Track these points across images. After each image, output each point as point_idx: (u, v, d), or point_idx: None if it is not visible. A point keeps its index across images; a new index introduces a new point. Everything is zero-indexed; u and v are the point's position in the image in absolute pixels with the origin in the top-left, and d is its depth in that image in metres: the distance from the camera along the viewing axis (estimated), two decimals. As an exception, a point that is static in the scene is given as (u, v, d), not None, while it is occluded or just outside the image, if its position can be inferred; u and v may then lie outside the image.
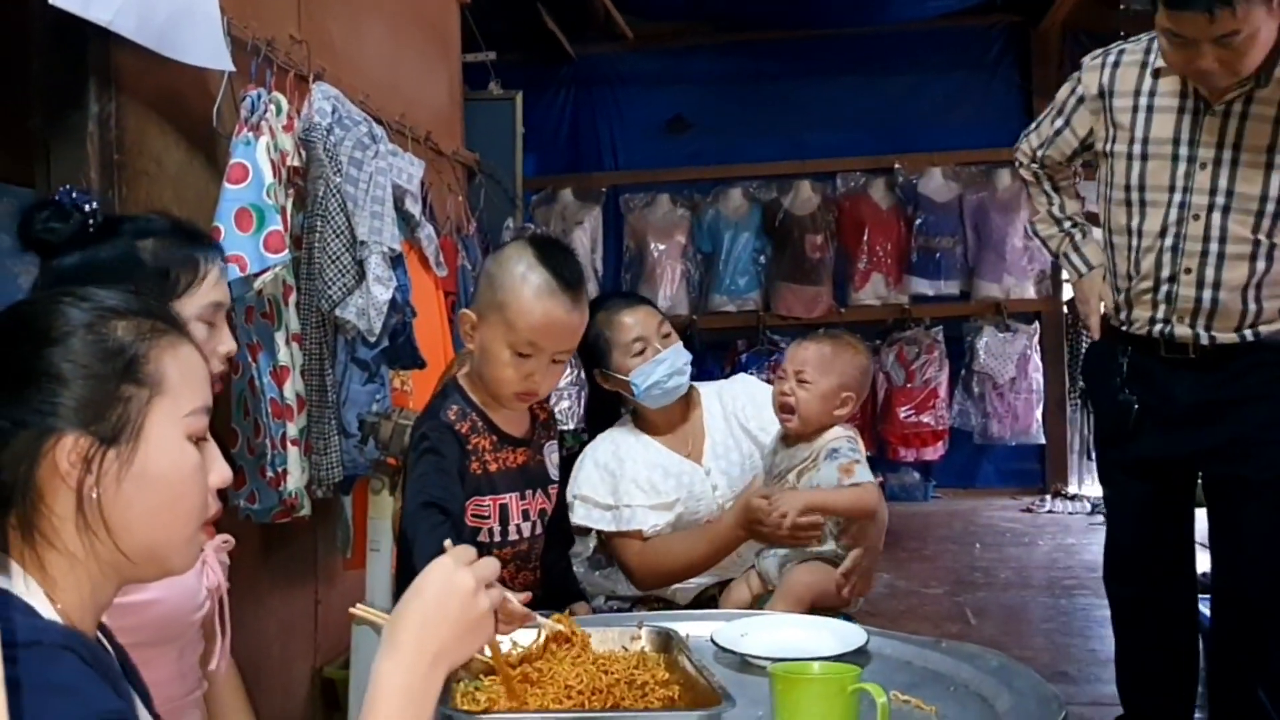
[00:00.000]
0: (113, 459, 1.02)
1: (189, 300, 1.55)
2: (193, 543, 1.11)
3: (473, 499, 1.92)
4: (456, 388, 1.99)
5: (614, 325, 2.34)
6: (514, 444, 1.98)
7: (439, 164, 3.96)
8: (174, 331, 1.11)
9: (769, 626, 1.80)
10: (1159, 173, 2.34)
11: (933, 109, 6.61)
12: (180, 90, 2.44)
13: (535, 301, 1.85)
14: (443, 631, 1.11)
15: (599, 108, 7.16)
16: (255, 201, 2.20)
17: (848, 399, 2.22)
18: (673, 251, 6.83)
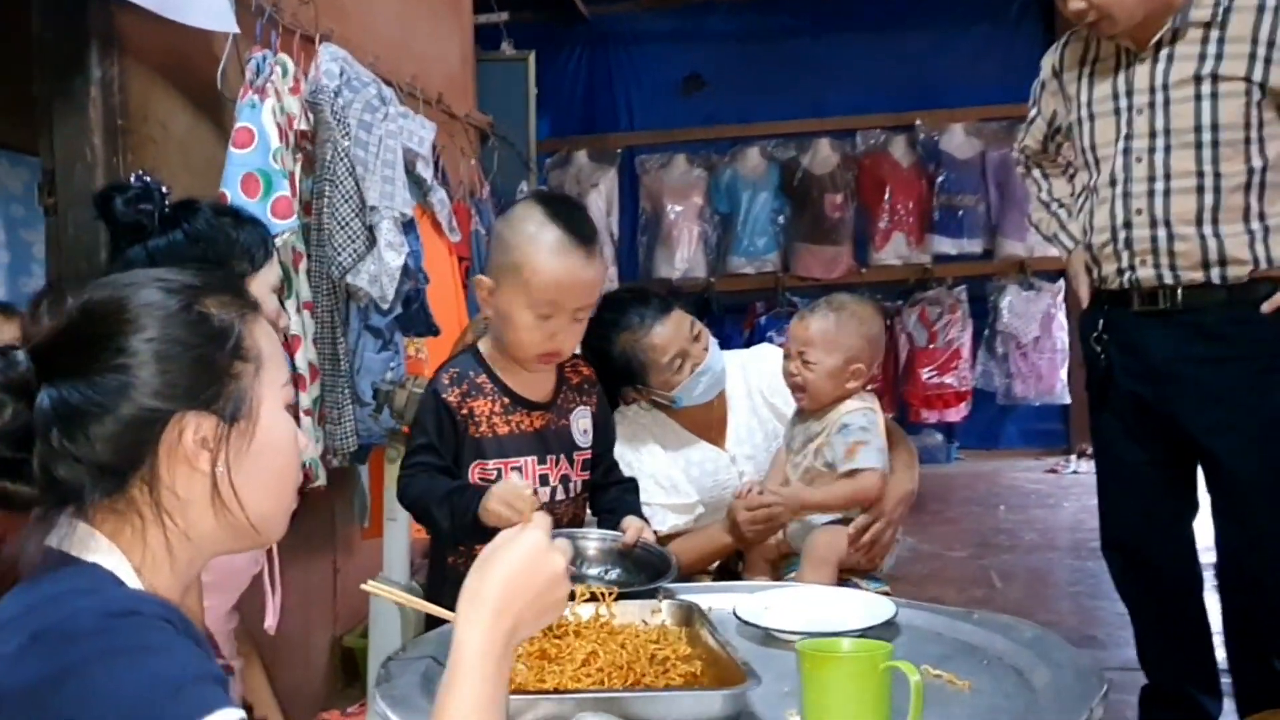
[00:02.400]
0: (236, 436, 1.05)
1: (267, 272, 1.69)
2: (290, 509, 1.15)
3: (477, 463, 1.88)
4: (471, 349, 1.95)
5: (645, 348, 2.20)
6: (529, 407, 1.93)
7: (451, 127, 3.89)
8: (254, 306, 1.13)
9: (794, 598, 1.74)
10: (1105, 129, 2.40)
11: (954, 64, 6.48)
12: (185, 53, 2.39)
13: (550, 260, 1.79)
14: (523, 604, 1.08)
15: (613, 68, 7.06)
16: (262, 166, 2.14)
17: (857, 370, 2.15)
18: (689, 213, 6.74)
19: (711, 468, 2.33)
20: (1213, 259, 2.32)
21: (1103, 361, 2.52)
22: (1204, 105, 2.29)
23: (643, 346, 2.20)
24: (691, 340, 2.23)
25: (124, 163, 2.20)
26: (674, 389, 2.21)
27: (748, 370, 2.42)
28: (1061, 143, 2.67)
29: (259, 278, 1.66)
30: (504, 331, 1.87)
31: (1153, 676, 2.62)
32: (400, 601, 1.41)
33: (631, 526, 1.87)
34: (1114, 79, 2.39)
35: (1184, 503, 2.54)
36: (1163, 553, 2.54)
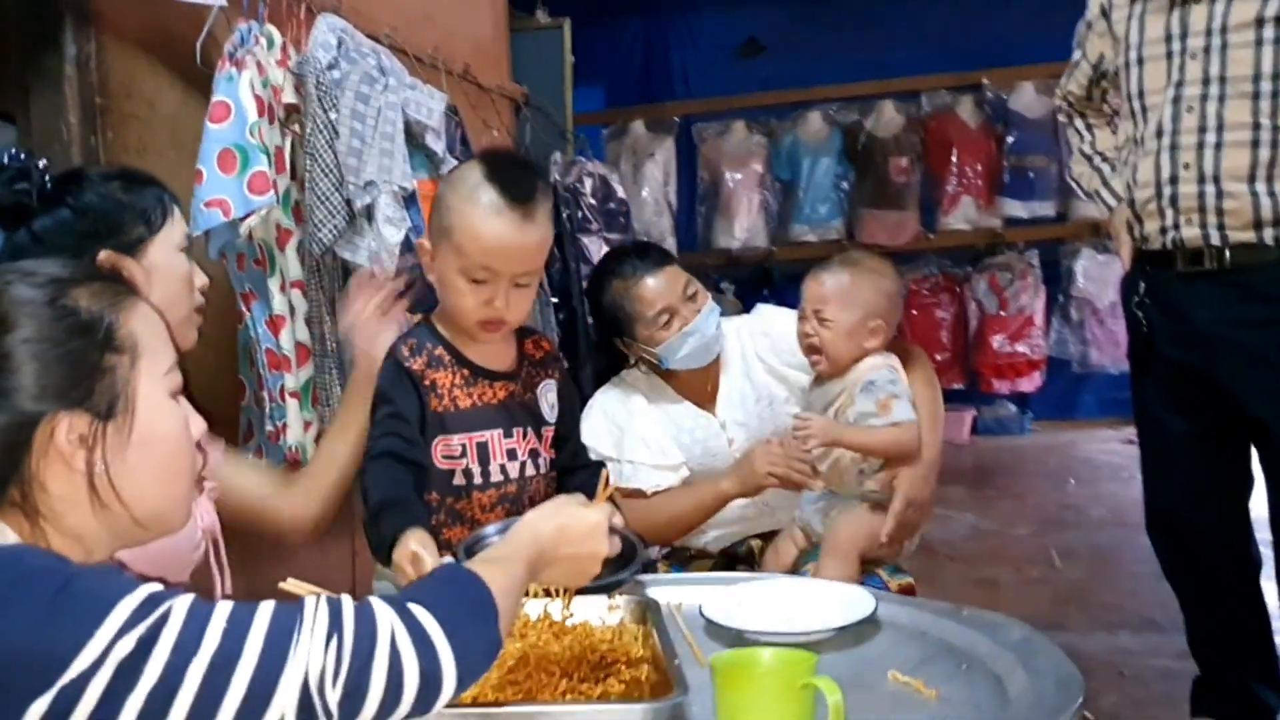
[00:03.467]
0: (113, 432, 1.01)
1: (169, 231, 1.58)
2: (189, 498, 1.12)
3: (439, 438, 1.78)
4: (425, 322, 1.86)
5: (633, 298, 2.15)
6: (492, 378, 1.83)
7: (477, 98, 3.80)
8: (130, 292, 1.08)
9: (767, 593, 1.63)
10: (1154, 74, 2.24)
11: (1022, 19, 6.15)
12: (172, 28, 2.32)
13: (482, 222, 1.68)
14: (563, 557, 1.23)
15: (670, 35, 6.90)
16: (239, 141, 2.07)
17: (877, 328, 2.04)
18: (749, 181, 6.57)
19: (701, 435, 2.24)
20: (1265, 218, 2.13)
21: (1144, 327, 2.36)
22: (1265, 51, 2.10)
23: (631, 296, 2.15)
24: (684, 299, 2.16)
25: (103, 141, 2.15)
26: (658, 345, 2.14)
27: (741, 333, 2.33)
28: (1107, 89, 2.51)
29: (159, 239, 1.57)
30: (444, 298, 1.78)
31: (1205, 666, 2.45)
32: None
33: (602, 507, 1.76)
34: (1167, 19, 2.21)
35: (1236, 478, 2.35)
36: (1213, 532, 2.36)
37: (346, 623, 0.94)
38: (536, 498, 1.89)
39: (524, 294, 1.76)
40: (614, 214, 4.35)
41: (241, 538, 2.47)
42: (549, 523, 1.23)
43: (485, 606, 1.02)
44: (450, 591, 1.03)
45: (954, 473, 5.54)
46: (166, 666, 0.87)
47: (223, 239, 2.11)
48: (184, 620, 0.89)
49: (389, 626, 0.95)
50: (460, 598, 1.02)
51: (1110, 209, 2.49)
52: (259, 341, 2.19)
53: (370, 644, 0.94)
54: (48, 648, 0.85)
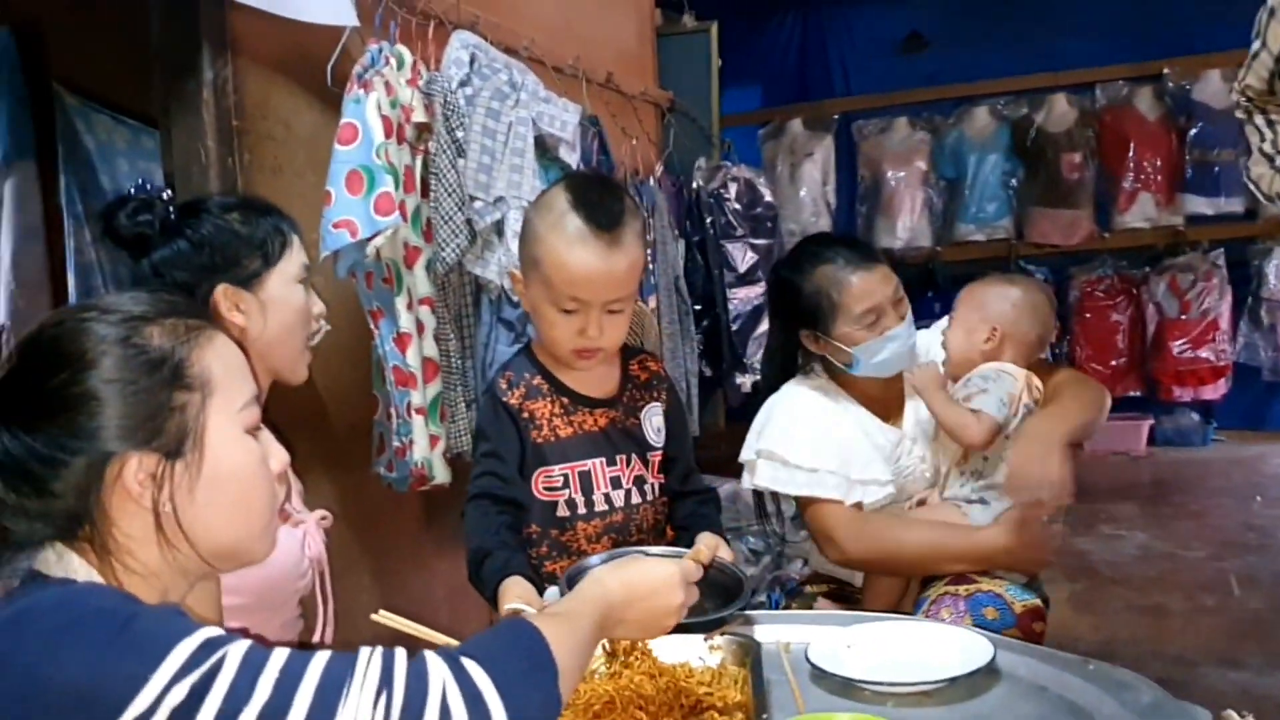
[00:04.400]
0: (181, 470, 1.02)
1: (287, 263, 1.63)
2: (269, 531, 1.12)
3: (540, 470, 1.76)
4: (526, 350, 1.85)
5: (844, 289, 1.99)
6: (592, 405, 1.80)
7: (620, 105, 3.79)
8: (207, 326, 1.09)
9: (882, 637, 1.54)
10: None
11: (1206, 4, 5.76)
12: (308, 49, 2.38)
13: (568, 252, 1.65)
14: (635, 614, 1.21)
15: (827, 31, 6.76)
16: (365, 163, 2.10)
17: (994, 333, 2.04)
18: (912, 179, 6.36)
19: (894, 452, 2.09)
20: None
21: None
22: None
23: (839, 286, 2.00)
24: (893, 302, 2.02)
25: (240, 163, 2.22)
26: (856, 345, 1.99)
27: (931, 348, 2.19)
28: None
29: (275, 272, 1.61)
30: (538, 327, 1.76)
31: None
32: (410, 631, 1.33)
33: (706, 544, 1.71)
34: None
35: None
36: None
37: (398, 678, 0.93)
38: (645, 525, 1.85)
39: (617, 320, 1.72)
40: (761, 219, 4.27)
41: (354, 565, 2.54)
42: (614, 578, 1.21)
43: (544, 664, 0.99)
44: (509, 647, 1.00)
45: (1127, 487, 5.23)
46: (218, 715, 0.87)
47: (351, 258, 2.15)
48: (238, 669, 0.90)
49: (440, 683, 0.94)
50: (519, 654, 1.00)
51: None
52: (386, 358, 2.23)
53: (421, 701, 0.92)
54: (103, 691, 0.87)
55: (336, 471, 2.49)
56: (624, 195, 1.74)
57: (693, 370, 3.89)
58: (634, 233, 1.70)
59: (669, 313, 3.69)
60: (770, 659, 1.51)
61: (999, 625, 1.79)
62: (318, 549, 1.67)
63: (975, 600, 1.83)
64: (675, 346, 3.72)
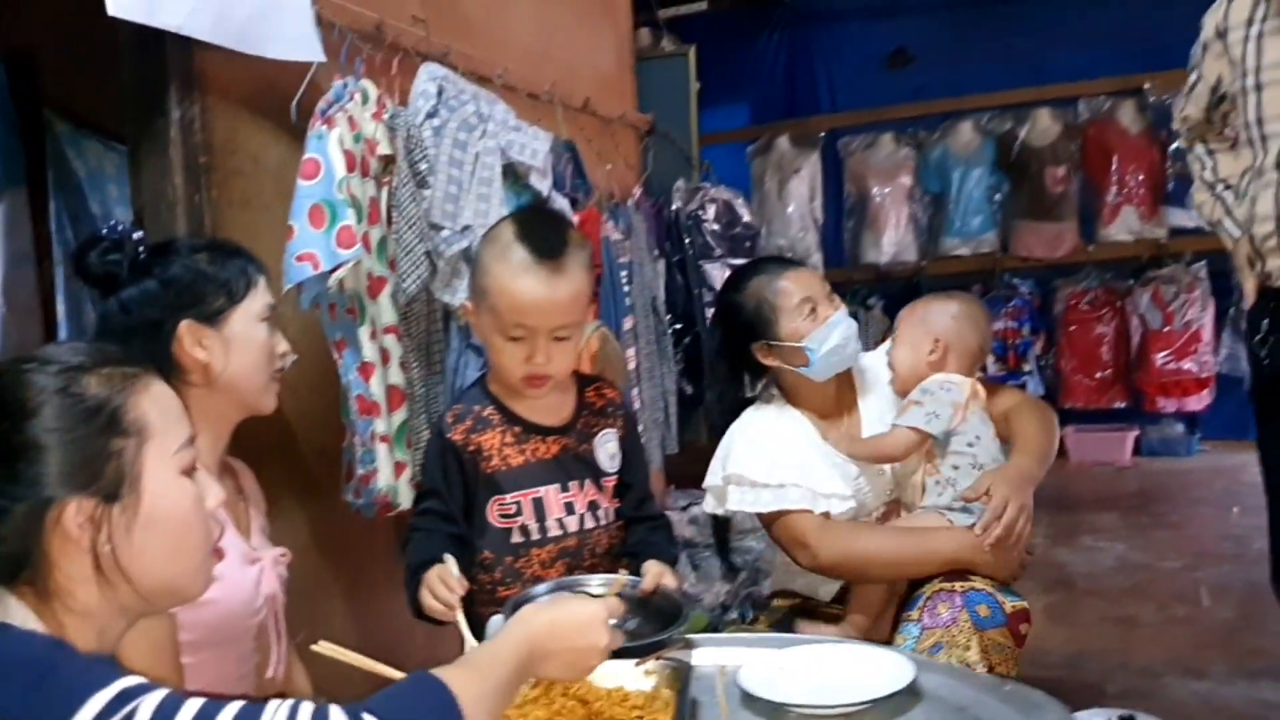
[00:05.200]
0: (119, 513, 1.07)
1: (251, 301, 1.69)
2: (205, 569, 1.17)
3: (494, 499, 1.83)
4: (480, 381, 1.93)
5: (777, 290, 2.12)
6: (545, 433, 1.86)
7: (598, 130, 3.85)
8: (142, 374, 1.13)
9: (812, 660, 1.60)
10: (1274, 100, 2.11)
11: (1187, 18, 5.75)
12: (276, 84, 2.44)
13: (513, 281, 1.74)
14: (556, 650, 1.24)
15: (814, 49, 6.83)
16: (327, 197, 2.17)
17: (937, 345, 2.14)
18: (897, 194, 6.43)
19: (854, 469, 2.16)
20: None
21: (1268, 366, 2.21)
22: None
23: (772, 289, 2.13)
24: (825, 296, 2.14)
25: (207, 199, 2.28)
26: (804, 337, 2.07)
27: (877, 368, 2.28)
28: (1228, 112, 2.37)
29: (239, 310, 1.67)
30: (489, 357, 1.84)
31: None
32: (351, 662, 1.38)
33: (650, 572, 1.77)
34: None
35: None
36: None
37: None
38: (598, 550, 1.91)
39: (565, 347, 1.79)
40: (739, 238, 4.34)
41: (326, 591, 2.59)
42: (541, 617, 1.24)
43: (447, 716, 1.04)
44: (414, 703, 1.05)
45: (1111, 498, 5.28)
46: None
47: (314, 290, 2.21)
48: (150, 718, 0.94)
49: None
50: (423, 709, 1.05)
51: (1234, 240, 2.34)
52: (350, 388, 2.29)
53: None
54: None
55: (307, 498, 2.55)
56: (569, 227, 1.82)
57: (671, 389, 3.95)
58: (578, 262, 1.77)
59: (646, 333, 3.75)
60: (706, 682, 1.56)
61: (990, 623, 1.84)
62: (272, 587, 1.70)
63: (970, 597, 1.87)
64: (653, 366, 3.78)
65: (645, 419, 3.72)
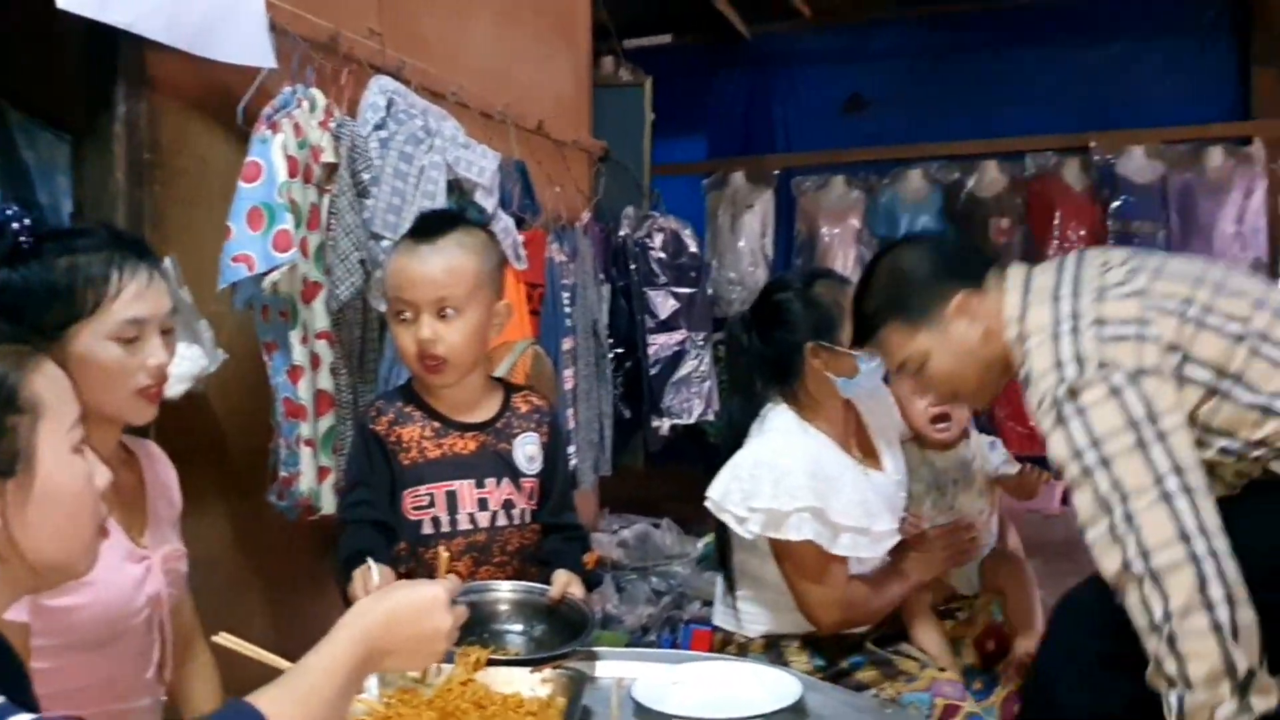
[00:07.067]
0: (14, 488, 1.08)
1: (99, 320, 1.53)
2: (92, 546, 1.19)
3: (408, 490, 1.87)
4: (406, 384, 2.01)
5: (849, 297, 2.11)
6: (464, 429, 1.91)
7: (550, 152, 3.91)
8: (35, 352, 1.15)
9: (705, 675, 1.65)
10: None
11: (1135, 82, 6.00)
12: (229, 87, 2.48)
13: (394, 261, 1.88)
14: (397, 643, 1.19)
15: (773, 89, 6.93)
16: (267, 200, 2.20)
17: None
18: (846, 236, 6.51)
19: (890, 493, 2.27)
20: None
21: None
22: None
23: (843, 294, 2.15)
24: None
25: (150, 195, 2.31)
26: (858, 355, 2.12)
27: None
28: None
29: (101, 319, 1.53)
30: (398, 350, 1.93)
31: None
32: (249, 655, 1.40)
33: (558, 580, 1.81)
34: None
35: None
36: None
37: None
38: (509, 548, 1.95)
39: (454, 326, 1.84)
40: (685, 268, 4.41)
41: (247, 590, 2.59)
42: (376, 611, 1.18)
43: None
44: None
45: (1037, 545, 5.31)
46: None
47: (249, 292, 2.24)
48: None
49: None
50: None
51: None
52: (278, 390, 2.31)
53: None
54: None
55: (233, 498, 2.57)
56: (459, 218, 1.93)
57: (608, 412, 4.00)
58: (458, 243, 1.85)
59: (586, 355, 3.80)
60: (603, 693, 1.60)
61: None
62: (157, 586, 1.66)
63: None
64: (590, 388, 3.83)
65: (580, 439, 3.76)
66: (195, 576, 1.84)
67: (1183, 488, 1.58)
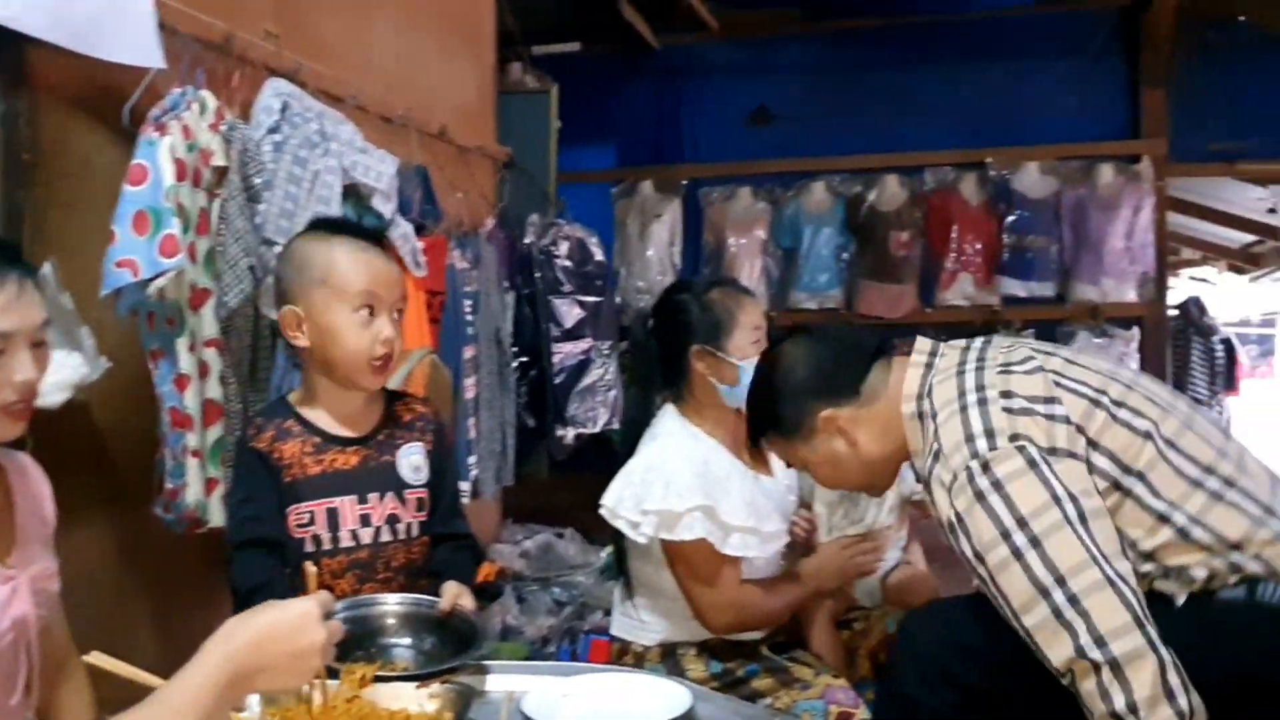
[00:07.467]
0: None
1: None
2: None
3: (291, 508, 1.83)
4: (278, 399, 1.95)
5: (740, 306, 2.25)
6: (344, 444, 1.88)
7: (452, 158, 3.88)
8: None
9: (596, 688, 1.64)
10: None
11: (1030, 100, 6.18)
12: (113, 87, 2.40)
13: (357, 256, 1.84)
14: (273, 658, 1.16)
15: (681, 99, 6.98)
16: (153, 204, 2.14)
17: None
18: (752, 247, 6.60)
19: (778, 496, 2.32)
20: None
21: None
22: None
23: (737, 304, 2.24)
24: (765, 335, 2.26)
25: (30, 198, 2.23)
26: (744, 359, 2.18)
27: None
28: None
29: None
30: (330, 351, 1.85)
31: None
32: (122, 674, 1.36)
33: (448, 593, 1.79)
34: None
35: None
36: None
37: None
38: (393, 564, 1.92)
39: (399, 328, 1.87)
40: (591, 277, 4.40)
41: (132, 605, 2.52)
42: (244, 631, 1.16)
43: None
44: None
45: (934, 550, 5.44)
46: None
47: (133, 298, 2.18)
48: None
49: None
50: None
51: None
52: (164, 399, 2.25)
53: None
54: None
55: (118, 511, 2.49)
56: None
57: (511, 421, 3.97)
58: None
59: (488, 364, 3.77)
60: (492, 707, 1.59)
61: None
62: (24, 609, 1.58)
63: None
64: (493, 397, 3.80)
65: (482, 449, 3.73)
66: (78, 593, 1.78)
67: (1120, 574, 1.52)
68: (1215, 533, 1.62)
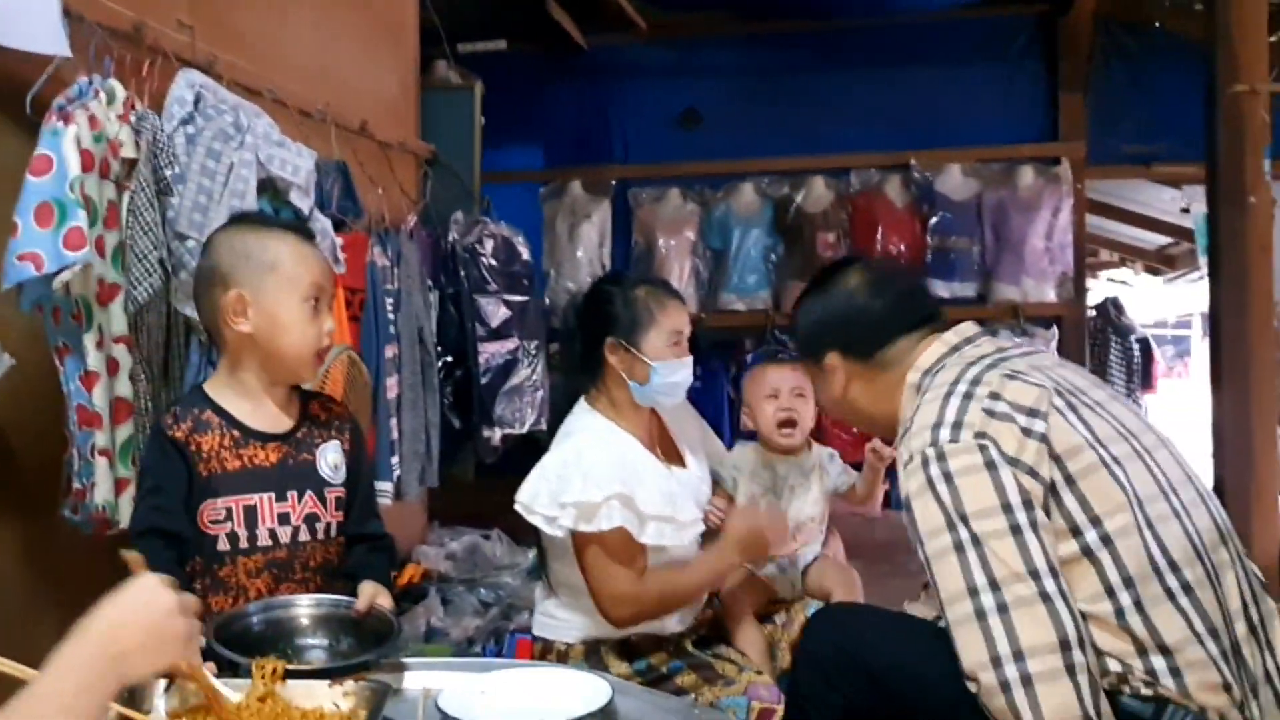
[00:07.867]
0: None
1: None
2: None
3: (205, 503, 1.78)
4: (197, 388, 1.89)
5: (662, 307, 2.25)
6: (264, 440, 1.83)
7: (373, 154, 3.82)
8: None
9: (513, 683, 1.62)
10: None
11: (952, 103, 6.29)
12: (16, 75, 2.32)
13: (302, 247, 1.83)
14: (131, 636, 1.11)
15: (610, 100, 6.98)
16: (57, 195, 2.07)
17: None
18: (682, 248, 6.60)
19: (692, 488, 2.35)
20: None
21: None
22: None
23: (659, 303, 2.24)
24: (686, 340, 2.27)
25: (-77, 188, 2.15)
26: (658, 360, 2.19)
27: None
28: None
29: None
30: (278, 340, 1.81)
31: None
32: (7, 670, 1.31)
33: (365, 593, 1.76)
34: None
35: None
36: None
37: None
38: (311, 564, 1.88)
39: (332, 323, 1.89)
40: (517, 276, 4.36)
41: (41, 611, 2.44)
42: (101, 618, 1.12)
43: None
44: None
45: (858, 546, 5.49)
46: None
47: (37, 293, 2.11)
48: None
49: None
50: None
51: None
52: (71, 397, 2.18)
53: None
54: None
55: (23, 513, 2.41)
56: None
57: (435, 422, 3.92)
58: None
59: (411, 363, 3.71)
60: (409, 705, 1.56)
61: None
62: None
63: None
64: (416, 397, 3.74)
65: (405, 450, 3.67)
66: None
67: (1059, 591, 1.48)
68: (1152, 627, 1.53)
